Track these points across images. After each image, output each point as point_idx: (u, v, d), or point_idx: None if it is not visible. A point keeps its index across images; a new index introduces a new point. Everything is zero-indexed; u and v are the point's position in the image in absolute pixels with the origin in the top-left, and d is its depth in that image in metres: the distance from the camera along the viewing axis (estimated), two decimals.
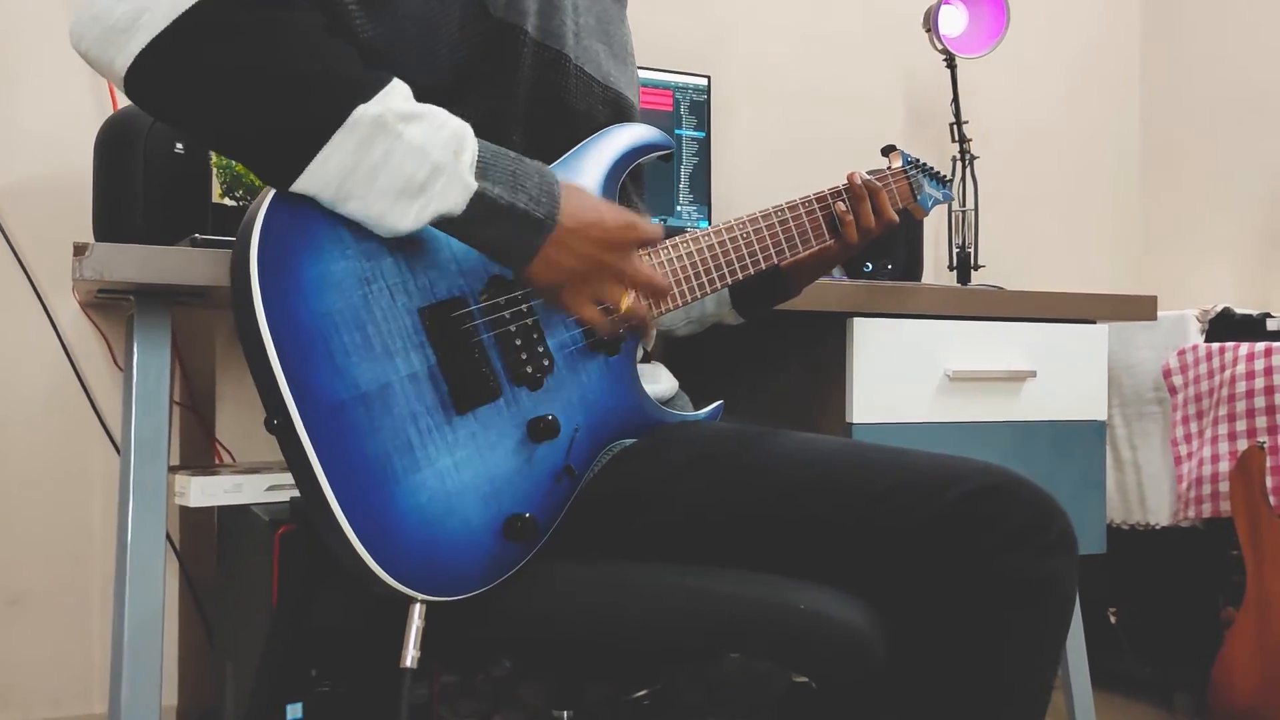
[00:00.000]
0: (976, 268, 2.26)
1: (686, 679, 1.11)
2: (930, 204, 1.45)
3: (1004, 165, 2.71)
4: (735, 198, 2.35)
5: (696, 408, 1.21)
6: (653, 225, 1.00)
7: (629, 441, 1.06)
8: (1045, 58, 2.76)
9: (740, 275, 1.13)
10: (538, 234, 0.92)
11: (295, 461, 0.85)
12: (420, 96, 0.98)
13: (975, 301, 1.83)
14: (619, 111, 1.15)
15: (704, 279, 1.11)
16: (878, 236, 1.29)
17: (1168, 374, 2.22)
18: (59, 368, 1.83)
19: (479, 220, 0.90)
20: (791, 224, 1.19)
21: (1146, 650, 2.29)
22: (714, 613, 0.95)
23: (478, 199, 0.89)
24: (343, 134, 0.85)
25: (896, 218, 1.28)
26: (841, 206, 1.22)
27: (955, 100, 2.25)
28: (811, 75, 2.49)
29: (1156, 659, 2.27)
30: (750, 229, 1.14)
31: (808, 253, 1.22)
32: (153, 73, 0.84)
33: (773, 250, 1.16)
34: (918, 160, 1.43)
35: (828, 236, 1.23)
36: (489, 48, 1.00)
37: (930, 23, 2.14)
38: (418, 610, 0.89)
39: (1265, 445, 1.87)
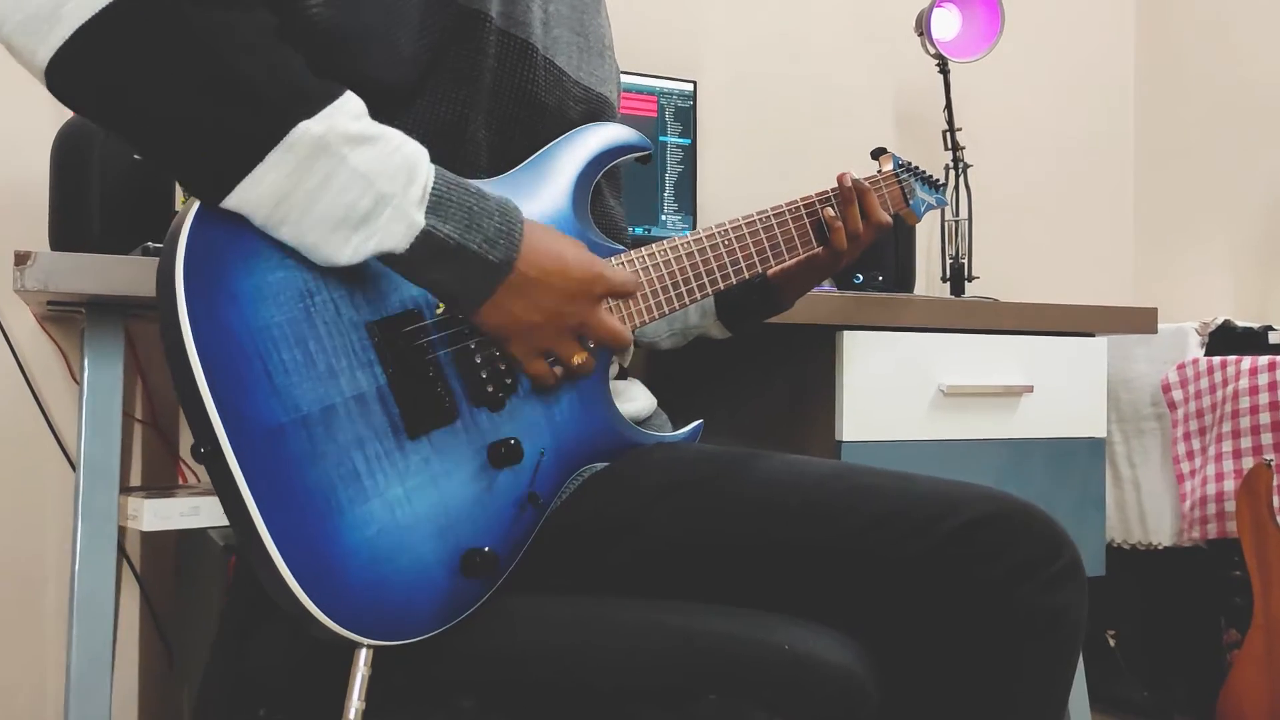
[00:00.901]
0: (970, 279, 2.19)
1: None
2: (923, 209, 1.38)
3: (998, 173, 2.64)
4: (721, 205, 2.27)
5: (676, 427, 1.13)
6: (625, 275, 0.92)
7: (601, 466, 0.98)
8: (1039, 63, 2.70)
9: (722, 285, 1.06)
10: (491, 279, 0.84)
11: (226, 493, 0.77)
12: (383, 89, 0.91)
13: (970, 313, 1.76)
14: (593, 109, 1.08)
15: (682, 289, 1.03)
16: (870, 243, 1.21)
17: (1167, 389, 2.15)
18: (13, 382, 1.75)
19: (423, 260, 0.81)
20: (776, 230, 1.11)
21: (1145, 673, 2.22)
22: (693, 653, 0.87)
23: (424, 238, 0.80)
24: (280, 152, 0.76)
25: (889, 220, 1.21)
26: (830, 212, 1.15)
27: (948, 106, 2.18)
28: (800, 80, 2.42)
29: (1155, 682, 2.20)
30: (733, 235, 1.07)
31: (794, 261, 1.15)
32: (75, 67, 0.76)
33: (756, 259, 1.09)
34: (909, 164, 1.36)
35: (815, 244, 1.16)
36: (452, 36, 0.93)
37: (922, 26, 2.07)
38: (363, 656, 0.81)
39: (1272, 463, 1.80)
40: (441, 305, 0.87)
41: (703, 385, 2.12)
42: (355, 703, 0.80)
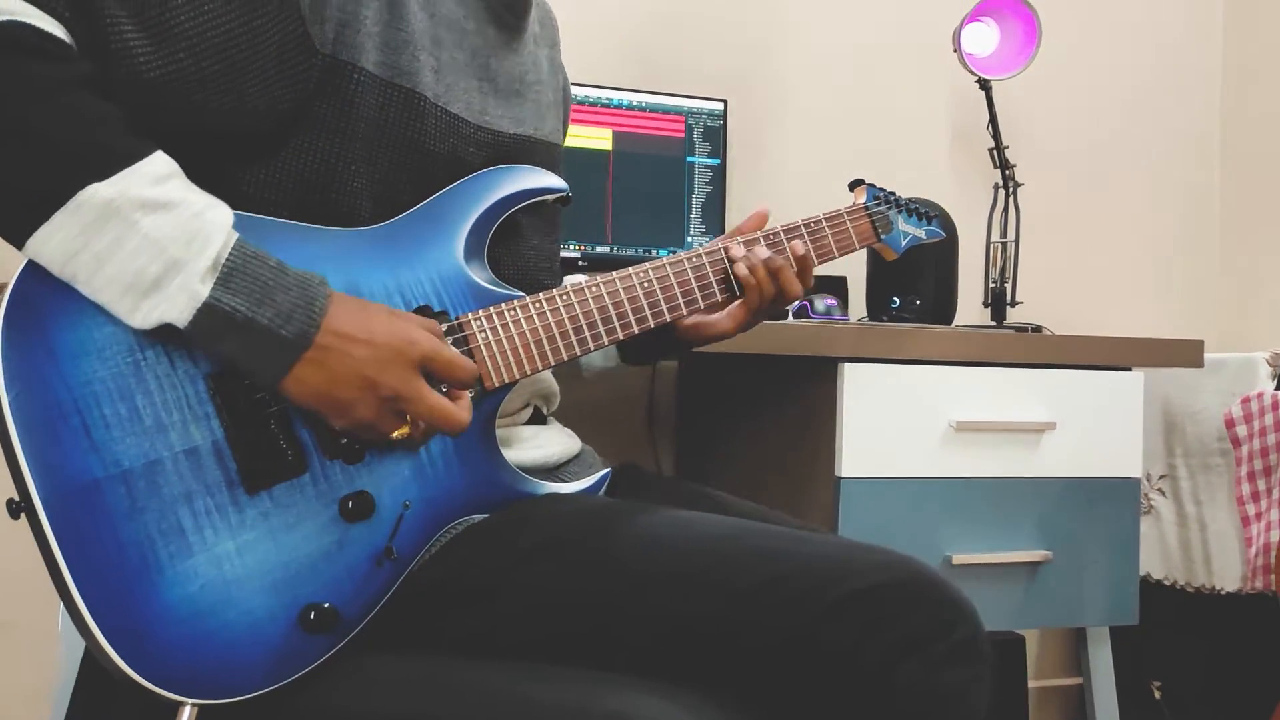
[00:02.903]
0: (1013, 304, 2.08)
1: None
2: (905, 242, 1.31)
3: (1060, 192, 2.50)
4: None
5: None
6: (446, 350, 0.88)
7: (480, 518, 0.95)
8: (1110, 72, 2.55)
9: (622, 336, 1.01)
10: (284, 353, 0.81)
11: (42, 548, 0.77)
12: (235, 140, 0.90)
13: (988, 346, 1.67)
14: (504, 151, 1.05)
15: (586, 334, 0.99)
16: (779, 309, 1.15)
17: (1230, 424, 2.00)
18: None
19: (208, 333, 0.79)
20: (692, 278, 1.06)
21: None
22: None
23: (207, 310, 0.78)
24: (65, 215, 0.76)
25: (798, 291, 1.13)
26: (742, 270, 1.08)
27: (993, 122, 2.08)
28: (843, 97, 2.34)
29: None
30: (636, 283, 1.02)
31: (706, 315, 1.10)
32: None
33: (665, 308, 1.04)
34: (891, 195, 1.29)
35: (719, 296, 1.10)
36: (319, 87, 0.91)
37: (955, 42, 1.97)
38: (185, 714, 0.80)
39: None
40: None
41: (712, 416, 2.08)
42: None
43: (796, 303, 1.84)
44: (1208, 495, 2.11)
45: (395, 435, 0.86)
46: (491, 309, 0.96)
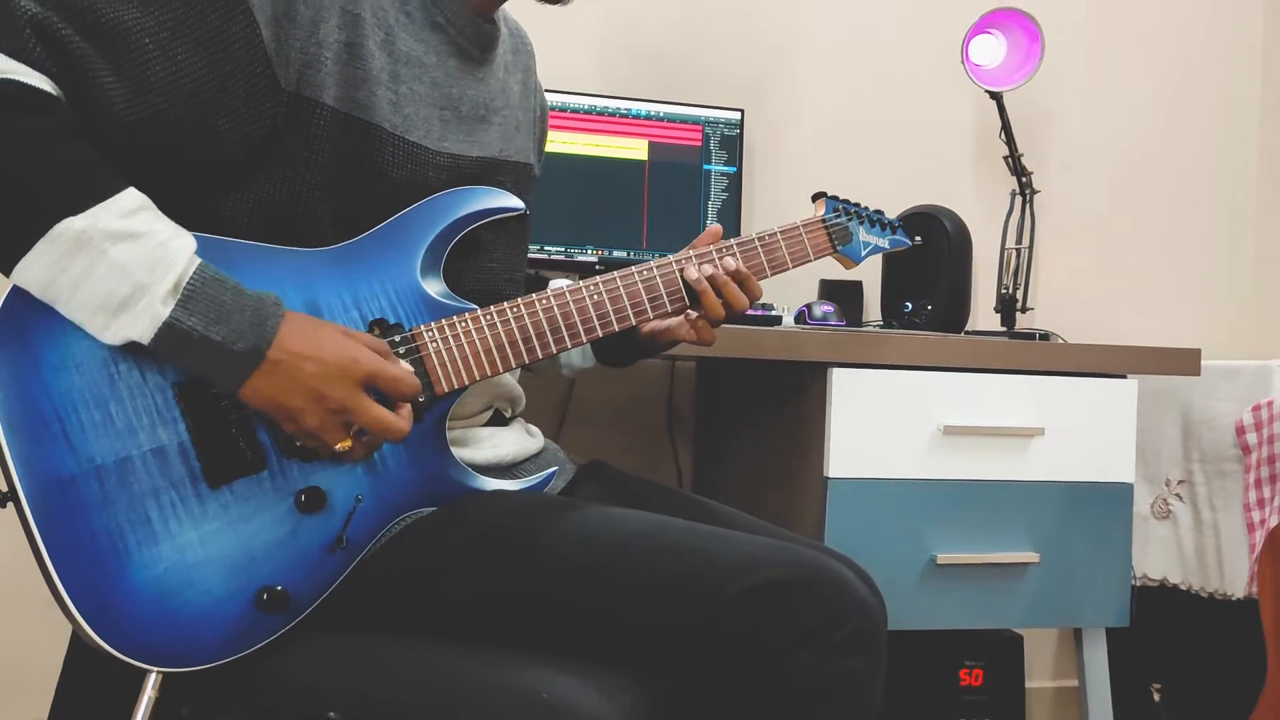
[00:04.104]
0: (1024, 310, 2.11)
1: None
2: (865, 252, 1.37)
3: (1086, 200, 2.52)
4: None
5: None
6: (390, 367, 0.97)
7: (428, 511, 1.05)
8: (1144, 78, 2.55)
9: (570, 345, 1.10)
10: (238, 366, 0.91)
11: (28, 534, 0.89)
12: (210, 171, 1.00)
13: (976, 352, 1.72)
14: (466, 174, 1.14)
15: (534, 344, 1.08)
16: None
17: (1241, 431, 2.01)
18: None
19: (170, 349, 0.90)
20: (641, 289, 1.15)
21: None
22: (456, 695, 0.93)
23: (167, 329, 0.89)
24: (44, 245, 0.87)
25: (744, 303, 1.19)
26: (692, 273, 1.16)
27: (1005, 129, 2.11)
28: (862, 105, 2.39)
29: None
30: (585, 295, 1.11)
31: (666, 320, 1.18)
32: None
33: (614, 318, 1.12)
34: (853, 206, 1.35)
35: (685, 302, 1.18)
36: (286, 121, 1.01)
37: (963, 55, 2.01)
38: (150, 680, 0.91)
39: None
40: None
41: (719, 419, 2.15)
42: None
43: (797, 309, 1.92)
44: (1223, 501, 2.12)
45: (337, 448, 0.95)
46: (444, 321, 1.05)
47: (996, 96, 2.08)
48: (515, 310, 1.09)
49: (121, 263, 0.88)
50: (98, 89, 0.91)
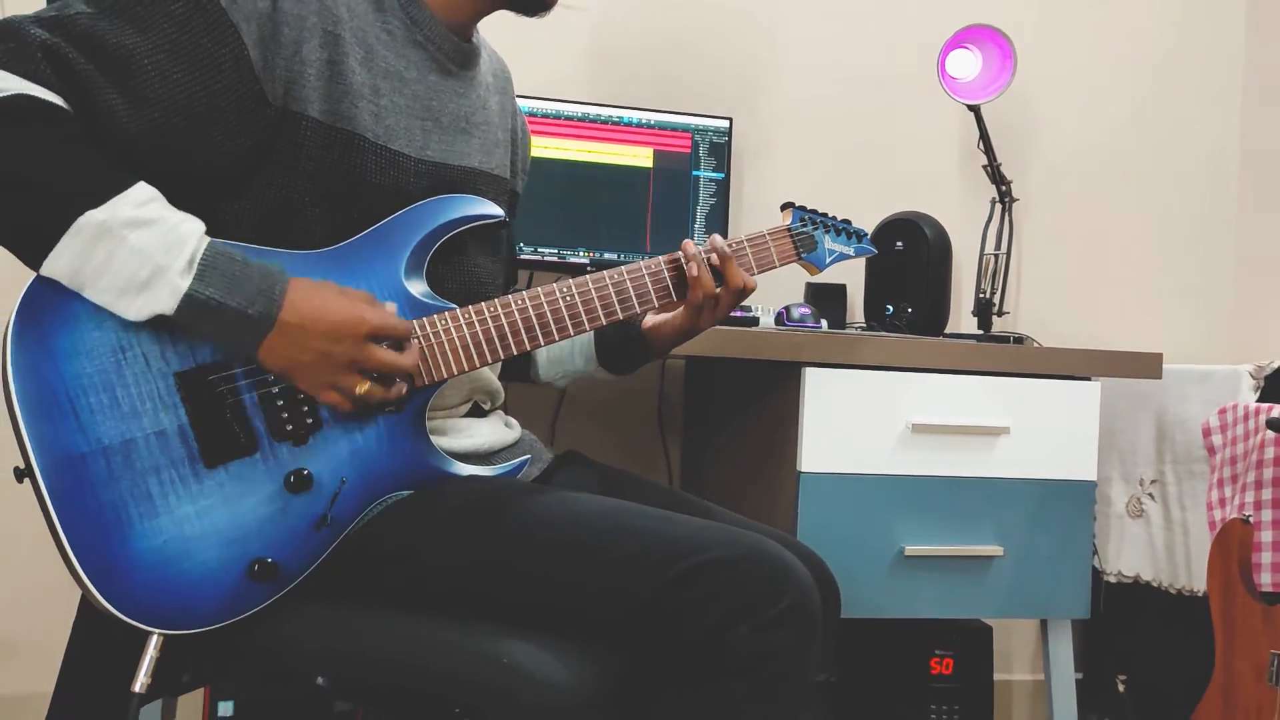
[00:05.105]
0: (1000, 314, 2.19)
1: None
2: (830, 259, 1.45)
3: (1067, 207, 2.60)
4: None
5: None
6: (392, 320, 1.07)
7: (406, 493, 1.14)
8: (1128, 86, 2.62)
9: (558, 338, 1.19)
10: (254, 330, 1.02)
11: (42, 508, 0.98)
12: (209, 178, 1.10)
13: (944, 354, 1.80)
14: (446, 181, 1.22)
15: (509, 340, 1.17)
16: (733, 304, 1.30)
17: (1207, 433, 2.09)
18: None
19: (192, 318, 1.00)
20: (629, 286, 1.23)
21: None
22: (428, 660, 1.02)
23: (187, 300, 0.99)
24: (69, 238, 0.97)
25: (750, 284, 1.29)
26: (693, 269, 1.25)
27: (984, 139, 2.19)
28: (850, 113, 2.47)
29: None
30: (575, 292, 1.20)
31: (666, 315, 1.29)
32: None
33: (601, 314, 1.21)
34: (819, 216, 1.43)
35: (674, 297, 1.27)
36: (276, 132, 1.10)
37: (940, 68, 2.09)
38: (153, 641, 1.01)
39: (1250, 519, 1.74)
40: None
41: (705, 416, 2.24)
42: (142, 678, 1.00)
43: (775, 310, 2.00)
44: (1191, 500, 2.19)
45: (358, 391, 1.06)
46: (425, 319, 1.14)
47: (975, 108, 2.16)
48: (492, 310, 1.18)
49: (140, 247, 0.98)
50: (104, 105, 1.01)
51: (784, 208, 1.44)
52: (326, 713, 1.56)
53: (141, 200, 1.00)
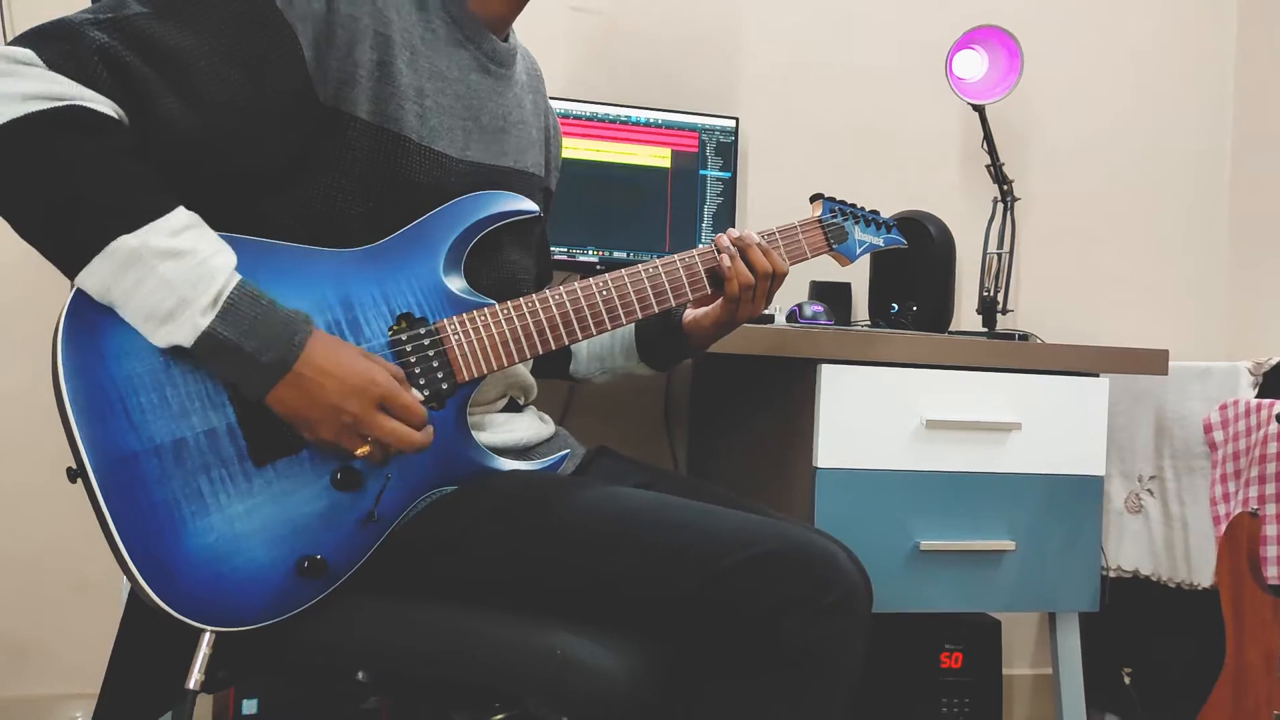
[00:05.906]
0: (1004, 312, 2.22)
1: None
2: (861, 250, 1.46)
3: (1070, 206, 2.63)
4: None
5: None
6: (402, 393, 1.05)
7: (450, 489, 1.15)
8: (1124, 85, 2.66)
9: (595, 331, 1.19)
10: (265, 376, 1.00)
11: (94, 507, 0.98)
12: (254, 177, 1.10)
13: (955, 350, 1.82)
14: (486, 180, 1.23)
15: (548, 335, 1.18)
16: (770, 291, 1.31)
17: (1208, 429, 2.12)
18: None
19: (206, 355, 0.99)
20: (664, 279, 1.24)
21: (1162, 712, 2.18)
22: (477, 652, 1.03)
23: (205, 338, 0.98)
24: (101, 260, 0.96)
25: (782, 268, 1.30)
26: (726, 260, 1.26)
27: (988, 139, 2.21)
28: (853, 112, 2.49)
29: None
30: (612, 286, 1.21)
31: (701, 309, 1.30)
32: None
33: (638, 307, 1.22)
34: (848, 207, 1.45)
35: (708, 290, 1.27)
36: (324, 132, 1.11)
37: (947, 69, 2.11)
38: (206, 638, 1.01)
39: (1257, 513, 1.77)
40: None
41: (713, 413, 2.25)
42: (196, 674, 1.00)
43: (789, 308, 2.02)
44: (1190, 496, 2.23)
45: (358, 453, 1.05)
46: (464, 315, 1.15)
47: (979, 109, 2.18)
48: (530, 305, 1.18)
49: (169, 278, 0.97)
50: (161, 107, 1.01)
51: (814, 199, 1.46)
52: (352, 709, 1.56)
53: (176, 229, 0.99)
